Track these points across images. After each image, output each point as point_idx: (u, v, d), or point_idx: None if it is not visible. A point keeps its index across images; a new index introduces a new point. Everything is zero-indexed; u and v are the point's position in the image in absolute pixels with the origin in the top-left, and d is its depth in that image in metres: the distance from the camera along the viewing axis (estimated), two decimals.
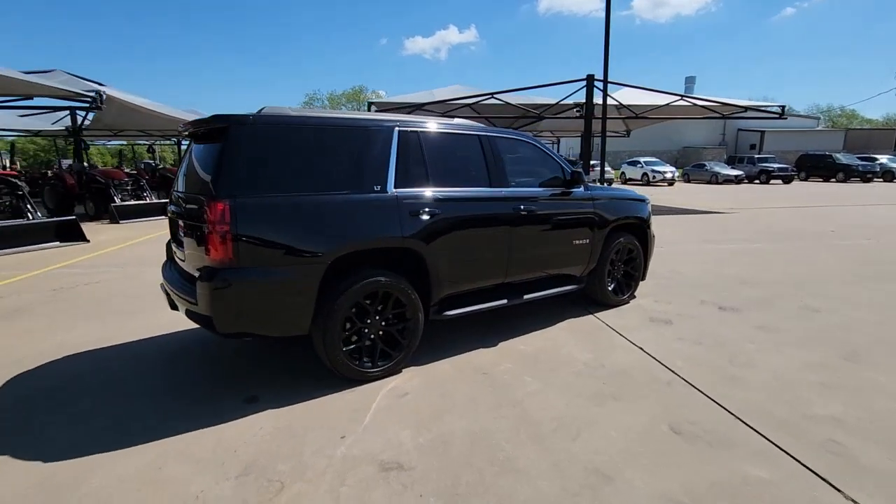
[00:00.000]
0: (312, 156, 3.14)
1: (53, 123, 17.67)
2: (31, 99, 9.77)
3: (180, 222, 3.31)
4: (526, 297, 4.24)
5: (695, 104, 14.57)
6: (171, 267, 3.72)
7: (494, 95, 13.24)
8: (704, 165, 32.16)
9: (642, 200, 5.29)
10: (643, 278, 5.46)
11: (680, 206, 15.62)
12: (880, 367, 3.57)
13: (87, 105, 9.85)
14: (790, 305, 5.06)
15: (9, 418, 2.95)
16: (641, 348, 3.98)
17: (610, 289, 5.00)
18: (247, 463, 2.48)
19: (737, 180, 29.44)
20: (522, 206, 4.06)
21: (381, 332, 3.41)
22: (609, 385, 3.34)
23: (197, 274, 2.91)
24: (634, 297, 5.42)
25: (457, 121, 4.07)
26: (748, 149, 44.34)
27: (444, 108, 13.89)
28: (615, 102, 14.01)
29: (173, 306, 3.41)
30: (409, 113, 13.75)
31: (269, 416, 2.93)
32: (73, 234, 9.28)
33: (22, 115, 17.13)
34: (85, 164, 15.97)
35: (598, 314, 4.85)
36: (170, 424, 2.83)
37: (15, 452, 2.58)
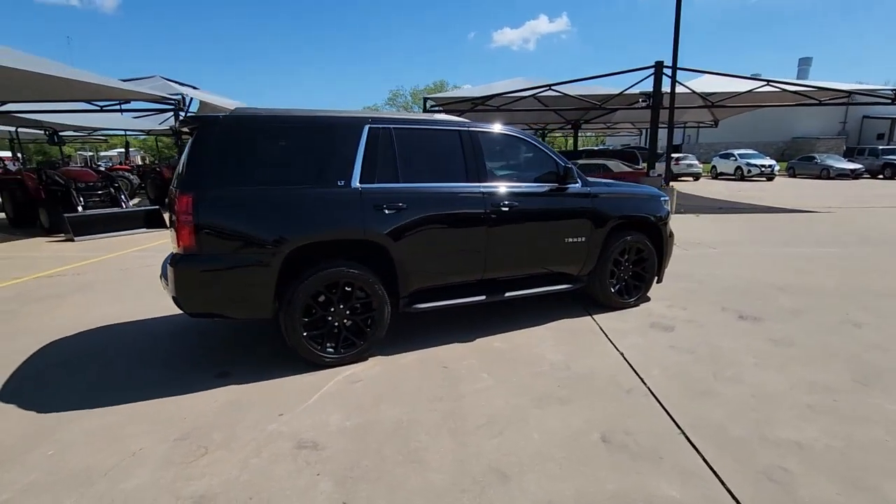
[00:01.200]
0: (278, 152, 3.38)
1: (161, 124, 19.98)
2: (129, 102, 11.23)
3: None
4: (508, 294, 4.19)
5: (784, 90, 13.06)
6: None
7: (552, 87, 12.85)
8: (814, 158, 28.56)
9: (656, 198, 4.95)
10: (659, 280, 5.13)
11: (768, 203, 14.15)
12: (895, 393, 3.10)
13: (172, 108, 11.09)
14: (827, 319, 4.49)
15: (32, 376, 3.53)
16: (622, 353, 3.79)
17: (614, 290, 4.76)
18: (189, 429, 2.77)
19: (853, 175, 25.82)
20: (501, 203, 4.01)
21: (346, 321, 3.58)
22: (563, 388, 3.24)
23: (170, 260, 3.28)
24: (648, 298, 5.12)
25: (438, 117, 4.11)
26: (874, 139, 38.67)
27: (500, 102, 13.74)
28: (687, 90, 13.00)
29: None
30: (469, 107, 13.83)
31: (228, 391, 3.22)
32: (157, 222, 10.55)
33: (136, 118, 19.63)
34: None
35: (598, 315, 4.65)
36: (147, 391, 3.23)
37: (23, 403, 3.10)
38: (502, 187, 4.08)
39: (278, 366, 3.57)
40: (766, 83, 12.95)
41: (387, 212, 3.57)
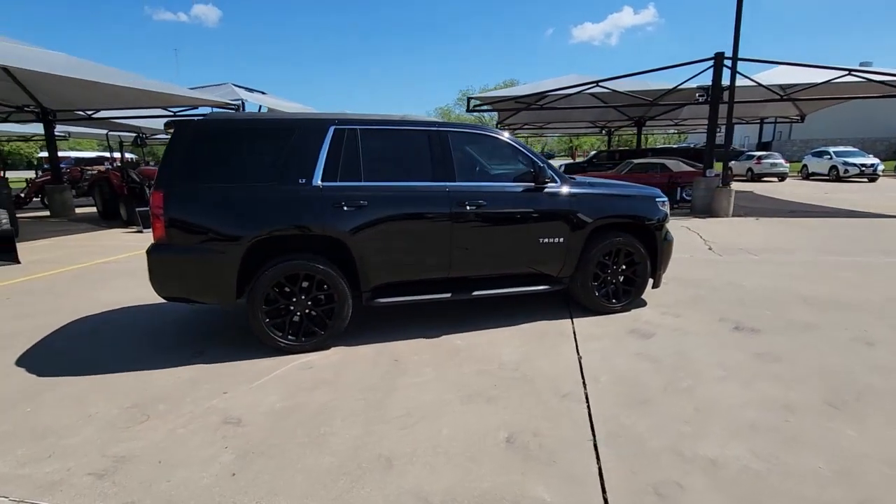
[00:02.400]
0: (245, 152, 3.67)
1: None
2: (197, 108, 12.43)
3: None
4: (476, 293, 4.21)
5: (870, 80, 11.59)
6: None
7: (600, 84, 12.38)
8: None
9: (650, 199, 4.71)
10: (655, 285, 4.88)
11: (856, 208, 12.68)
12: (865, 420, 2.77)
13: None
14: (839, 335, 4.05)
15: (48, 346, 4.10)
16: (580, 358, 3.68)
17: (598, 294, 4.60)
18: (142, 399, 3.12)
19: None
20: (467, 202, 4.04)
21: (308, 311, 3.80)
22: (498, 388, 3.24)
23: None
24: (644, 303, 4.89)
25: (408, 117, 4.22)
26: None
27: (547, 100, 13.46)
28: (752, 83, 11.98)
29: None
30: (513, 106, 13.73)
31: (194, 369, 3.56)
32: None
33: None
34: None
35: (580, 319, 4.52)
36: (130, 365, 3.65)
37: (31, 367, 3.63)
38: (470, 186, 4.10)
39: (249, 349, 3.86)
40: (847, 72, 11.59)
41: (346, 209, 3.74)
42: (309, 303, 3.80)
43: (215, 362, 3.67)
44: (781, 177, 24.65)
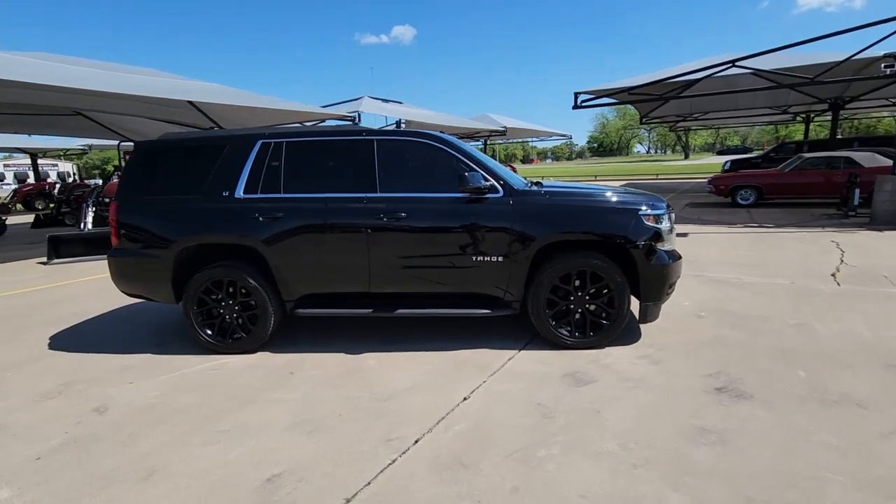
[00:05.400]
0: (182, 167, 4.06)
1: None
2: (324, 121, 14.01)
3: None
4: (400, 311, 3.93)
5: None
6: None
7: (736, 63, 10.09)
8: None
9: (627, 212, 3.75)
10: (643, 318, 3.91)
11: None
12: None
13: (350, 123, 13.43)
14: (861, 420, 2.70)
15: (77, 327, 5.14)
16: (465, 399, 3.17)
17: (554, 324, 3.86)
18: (77, 378, 3.71)
19: None
20: (386, 213, 3.79)
21: (236, 316, 4.05)
22: (343, 418, 3.00)
23: None
24: (635, 340, 3.98)
25: (339, 127, 4.12)
26: None
27: (662, 89, 11.53)
28: None
29: None
30: (626, 98, 12.25)
31: (140, 357, 4.06)
32: None
33: None
34: None
35: (530, 352, 3.87)
36: (99, 348, 4.36)
37: (52, 343, 4.61)
38: (390, 197, 3.84)
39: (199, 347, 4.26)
40: None
41: (261, 220, 3.86)
42: (236, 308, 4.03)
43: (163, 354, 4.15)
44: None
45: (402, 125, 21.11)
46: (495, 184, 3.81)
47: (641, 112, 18.74)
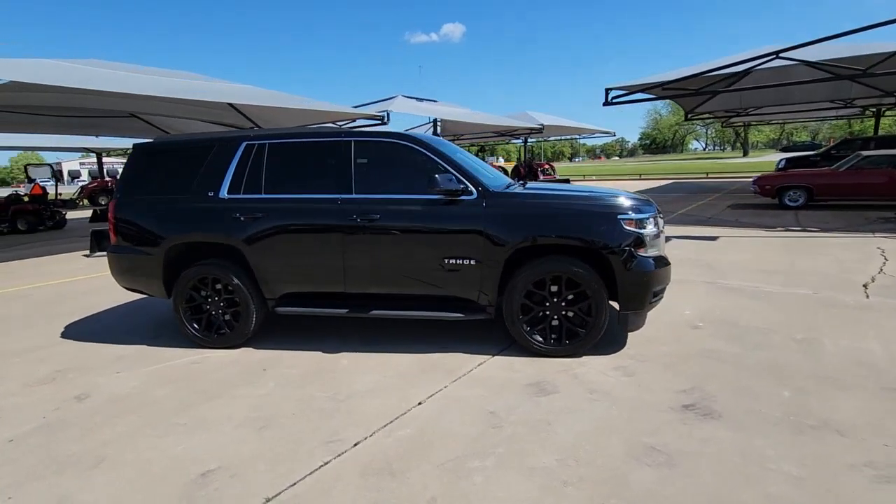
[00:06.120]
0: (174, 168, 4.24)
1: (425, 132, 24.02)
2: (355, 121, 14.25)
3: None
4: (375, 312, 3.94)
5: None
6: None
7: (780, 55, 9.36)
8: None
9: (605, 216, 3.56)
10: (633, 327, 3.74)
11: None
12: None
13: (379, 123, 13.62)
14: (839, 455, 2.44)
15: (95, 318, 5.48)
16: (420, 404, 3.14)
17: (528, 329, 3.75)
18: (69, 366, 3.97)
19: None
20: (360, 214, 3.81)
21: (221, 312, 4.19)
22: (296, 417, 3.05)
23: None
24: (618, 349, 3.80)
25: (319, 128, 4.17)
26: None
27: (698, 84, 10.85)
28: None
29: None
30: (660, 93, 11.72)
31: (129, 348, 4.28)
32: None
33: (407, 129, 24.37)
34: None
35: (503, 357, 3.78)
36: (102, 338, 4.63)
37: (65, 331, 4.95)
38: (365, 198, 3.85)
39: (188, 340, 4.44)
40: None
41: (242, 219, 3.98)
42: (221, 304, 4.17)
43: (155, 346, 4.36)
44: None
45: (439, 125, 21.25)
46: (469, 185, 3.74)
47: (686, 108, 17.83)
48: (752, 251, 7.41)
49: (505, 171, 27.84)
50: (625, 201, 3.70)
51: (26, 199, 15.08)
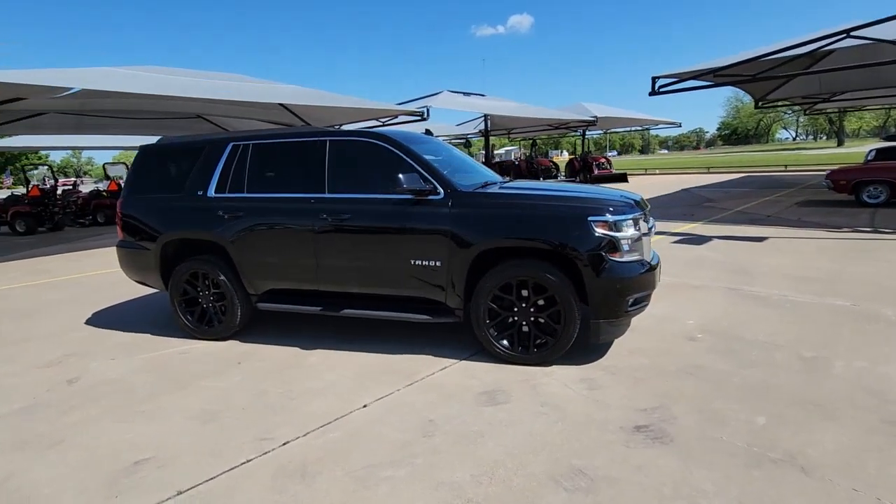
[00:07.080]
0: (172, 168, 4.48)
1: (476, 128, 23.82)
2: (396, 117, 14.38)
3: None
4: (346, 311, 3.96)
5: None
6: None
7: (851, 34, 8.27)
8: None
9: (576, 217, 3.32)
10: (605, 336, 3.49)
11: None
12: None
13: (419, 119, 13.72)
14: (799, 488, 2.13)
15: (111, 308, 5.93)
16: (365, 406, 3.11)
17: (495, 335, 3.60)
18: (80, 350, 4.33)
19: None
20: (329, 213, 3.83)
21: (213, 306, 4.40)
22: (247, 412, 3.13)
23: None
24: (593, 360, 3.57)
25: (299, 129, 4.22)
26: None
27: (755, 69, 9.79)
28: None
29: None
30: (712, 80, 10.83)
31: (137, 336, 4.60)
32: None
33: (458, 125, 24.45)
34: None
35: (468, 363, 3.67)
36: (117, 326, 5.01)
37: (80, 317, 5.41)
38: (337, 198, 3.86)
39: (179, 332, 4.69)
40: None
41: (225, 217, 4.14)
42: (211, 298, 4.37)
43: (159, 335, 4.65)
44: None
45: (488, 120, 20.97)
46: (436, 185, 3.64)
47: (755, 95, 16.31)
48: (796, 254, 6.66)
49: (556, 165, 27.07)
50: (599, 203, 3.44)
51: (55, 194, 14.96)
